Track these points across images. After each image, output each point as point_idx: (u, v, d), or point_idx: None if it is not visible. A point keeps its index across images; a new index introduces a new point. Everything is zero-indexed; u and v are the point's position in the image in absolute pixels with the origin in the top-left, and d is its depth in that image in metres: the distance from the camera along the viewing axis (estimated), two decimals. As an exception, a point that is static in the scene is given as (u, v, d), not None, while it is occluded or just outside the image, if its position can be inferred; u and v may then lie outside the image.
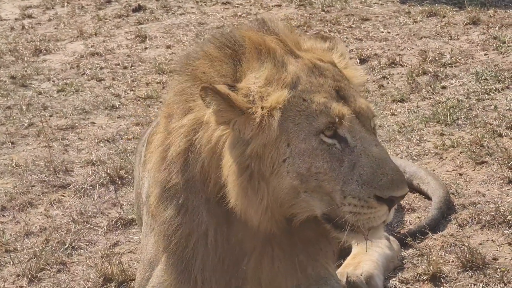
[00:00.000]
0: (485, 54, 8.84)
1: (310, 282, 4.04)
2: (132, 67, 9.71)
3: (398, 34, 9.90)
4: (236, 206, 3.71)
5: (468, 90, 7.80)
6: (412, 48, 9.34)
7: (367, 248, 4.64)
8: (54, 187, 6.57)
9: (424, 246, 5.29)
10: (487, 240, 5.29)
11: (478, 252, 5.04)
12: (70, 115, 8.23)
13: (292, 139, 3.63)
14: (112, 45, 10.70)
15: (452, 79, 8.18)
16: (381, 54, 9.20)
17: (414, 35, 9.78)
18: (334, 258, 4.36)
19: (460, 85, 7.99)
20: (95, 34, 11.25)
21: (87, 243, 5.74)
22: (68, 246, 5.68)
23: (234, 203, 3.70)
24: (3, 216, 6.20)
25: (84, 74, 9.59)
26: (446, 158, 6.44)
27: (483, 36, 9.41)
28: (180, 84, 3.97)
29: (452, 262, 5.07)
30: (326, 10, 11.27)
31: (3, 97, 8.90)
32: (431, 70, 8.40)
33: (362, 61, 8.98)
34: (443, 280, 4.93)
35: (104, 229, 5.89)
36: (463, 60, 8.69)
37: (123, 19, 11.92)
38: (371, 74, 8.52)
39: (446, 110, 7.29)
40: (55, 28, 11.82)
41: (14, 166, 7.00)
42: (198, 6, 12.20)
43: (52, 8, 12.90)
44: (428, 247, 5.26)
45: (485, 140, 6.56)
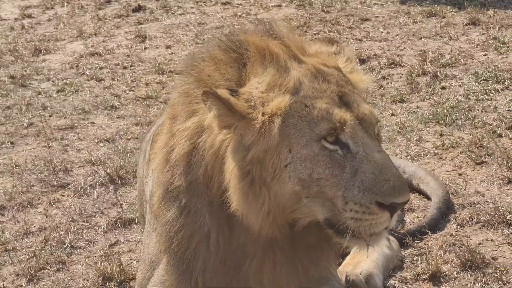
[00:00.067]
0: (484, 55, 8.85)
1: (312, 283, 4.04)
2: (132, 67, 9.70)
3: (397, 35, 9.90)
4: (238, 211, 3.70)
5: (467, 90, 7.80)
6: (412, 48, 9.34)
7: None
8: (53, 187, 6.57)
9: (424, 245, 5.29)
10: (487, 240, 5.29)
11: (477, 251, 5.04)
12: (70, 115, 8.23)
13: (294, 144, 3.62)
14: (111, 45, 10.70)
15: (451, 79, 8.18)
16: (380, 54, 9.20)
17: (413, 35, 9.78)
18: (336, 259, 4.36)
19: (460, 85, 7.99)
20: (95, 34, 11.25)
21: (87, 243, 5.74)
22: (68, 246, 5.68)
23: (235, 208, 3.70)
24: (3, 215, 6.20)
25: (83, 74, 9.58)
26: (446, 158, 6.44)
27: (483, 37, 9.42)
28: (185, 85, 3.96)
29: (452, 261, 5.08)
30: (326, 11, 11.27)
31: (2, 97, 8.89)
32: (430, 71, 8.40)
33: (362, 61, 8.98)
34: (442, 280, 4.93)
35: (103, 228, 5.89)
36: (462, 60, 8.69)
37: (123, 19, 11.91)
38: (371, 74, 8.52)
39: (445, 111, 7.29)
40: (54, 28, 11.81)
41: (14, 166, 6.99)
42: (198, 6, 12.20)
43: (52, 8, 12.90)
44: (428, 247, 5.26)
45: (484, 141, 6.57)
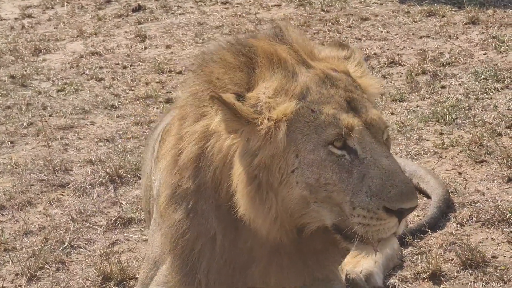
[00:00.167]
0: (484, 54, 8.85)
1: (316, 284, 4.04)
2: (132, 67, 9.70)
3: (397, 34, 9.90)
4: (245, 215, 3.70)
5: (467, 89, 7.80)
6: (412, 47, 9.34)
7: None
8: (53, 186, 6.57)
9: (424, 244, 5.28)
10: (487, 239, 5.29)
11: (477, 250, 5.04)
12: (70, 114, 8.22)
13: (301, 150, 3.60)
14: (111, 44, 10.70)
15: (451, 78, 8.18)
16: (380, 53, 9.20)
17: (413, 34, 9.78)
18: (340, 260, 4.35)
19: (460, 84, 7.99)
20: (95, 34, 11.24)
21: (86, 242, 5.74)
22: (67, 245, 5.68)
23: (242, 212, 3.69)
24: (2, 215, 6.20)
25: (83, 73, 9.58)
26: (446, 157, 6.44)
27: (482, 36, 9.42)
28: (194, 86, 3.95)
29: (452, 260, 5.08)
30: (325, 10, 11.26)
31: (2, 96, 8.89)
32: (430, 70, 8.40)
33: (362, 60, 8.97)
34: (442, 279, 4.93)
35: (103, 228, 5.89)
36: (462, 59, 8.69)
37: (123, 18, 11.91)
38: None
39: (445, 110, 7.29)
40: (54, 28, 11.81)
41: (14, 166, 6.99)
42: (197, 6, 12.19)
43: (52, 7, 12.89)
44: (428, 246, 5.26)
45: (484, 139, 6.57)
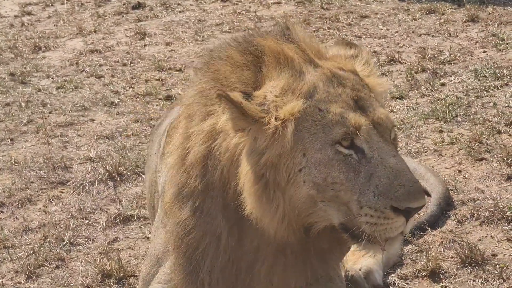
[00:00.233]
0: (484, 51, 8.85)
1: (319, 281, 4.04)
2: (132, 64, 9.70)
3: (397, 32, 9.90)
4: (252, 214, 3.68)
5: (467, 87, 7.80)
6: (411, 45, 9.34)
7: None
8: (53, 184, 6.56)
9: (423, 242, 5.29)
10: (486, 236, 5.29)
11: (477, 248, 5.04)
12: (69, 111, 8.22)
13: (308, 149, 3.59)
14: (111, 42, 10.70)
15: (451, 76, 8.18)
16: (380, 51, 9.20)
17: (413, 32, 9.78)
18: (342, 258, 4.36)
19: (459, 82, 7.99)
20: (95, 31, 11.25)
21: (86, 239, 5.73)
22: (67, 243, 5.67)
23: (249, 211, 3.68)
24: (2, 212, 6.19)
25: (83, 71, 9.58)
26: (445, 154, 6.44)
27: (482, 34, 9.42)
28: (201, 84, 3.93)
29: (451, 258, 5.08)
30: (325, 8, 11.27)
31: (2, 94, 8.89)
32: (430, 67, 8.41)
33: (361, 58, 8.97)
34: (442, 276, 4.93)
35: (103, 225, 5.88)
36: (462, 57, 8.70)
37: (123, 16, 11.91)
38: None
39: (445, 107, 7.29)
40: (54, 25, 11.81)
41: (13, 163, 6.99)
42: (197, 4, 12.19)
43: (52, 5, 12.89)
44: (427, 243, 5.26)
45: (484, 137, 6.57)
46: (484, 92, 7.62)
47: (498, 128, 6.72)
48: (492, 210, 5.47)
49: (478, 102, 7.40)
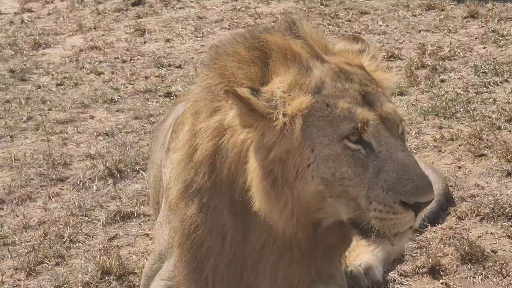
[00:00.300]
0: (483, 48, 8.85)
1: (322, 279, 4.04)
2: (131, 61, 9.70)
3: (396, 28, 9.90)
4: (260, 210, 3.68)
5: (466, 83, 7.80)
6: (411, 41, 9.34)
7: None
8: (52, 181, 6.56)
9: (423, 238, 5.28)
10: (486, 233, 5.28)
11: (477, 244, 5.03)
12: (69, 108, 8.22)
13: (316, 144, 3.58)
14: (111, 39, 10.70)
15: (450, 72, 8.18)
16: (379, 47, 9.18)
17: (412, 28, 9.78)
18: (345, 255, 4.35)
19: (459, 78, 7.99)
20: (94, 28, 11.25)
21: (86, 237, 5.72)
22: (67, 240, 5.66)
23: (258, 207, 3.67)
24: (2, 209, 6.18)
25: (83, 68, 9.58)
26: (445, 151, 6.44)
27: (482, 30, 9.42)
28: (208, 80, 3.92)
29: (451, 254, 5.07)
30: (325, 4, 11.27)
31: (2, 90, 8.89)
32: (429, 64, 8.40)
33: (361, 54, 8.96)
34: (442, 273, 4.92)
35: (102, 222, 5.87)
36: (461, 53, 8.70)
37: (122, 13, 11.92)
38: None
39: (444, 103, 7.29)
40: (54, 22, 11.81)
41: (13, 160, 6.98)
42: (197, 0, 12.19)
43: (52, 2, 12.91)
44: (427, 240, 5.25)
45: (484, 133, 6.56)
46: (484, 88, 7.62)
47: (498, 124, 6.72)
48: (492, 206, 5.46)
49: (477, 98, 7.39)
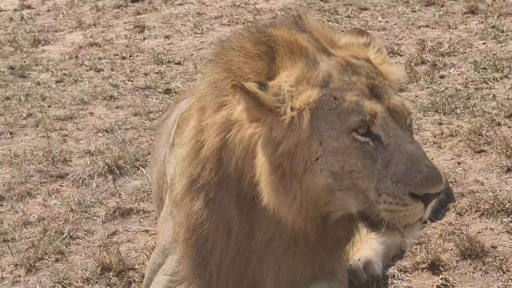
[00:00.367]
0: (483, 43, 8.84)
1: (324, 275, 4.04)
2: (131, 58, 9.70)
3: (396, 24, 9.89)
4: (269, 204, 3.68)
5: (466, 79, 7.80)
6: (411, 37, 9.34)
7: (365, 236, 4.60)
8: (52, 177, 6.56)
9: (423, 234, 5.28)
10: (486, 229, 5.29)
11: (477, 240, 5.03)
12: (69, 105, 8.22)
13: (324, 137, 3.58)
14: (110, 35, 10.70)
15: (450, 68, 8.18)
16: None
17: (412, 24, 9.77)
18: (347, 250, 4.35)
19: (459, 74, 7.99)
20: (94, 25, 11.25)
21: (85, 233, 5.72)
22: (66, 236, 5.66)
23: (267, 201, 3.67)
24: (1, 206, 6.18)
25: (82, 64, 9.57)
26: (445, 147, 6.44)
27: (482, 25, 9.41)
28: (214, 75, 3.92)
29: (451, 250, 5.07)
30: (324, 0, 11.25)
31: (1, 87, 8.89)
32: (429, 60, 8.40)
33: (361, 50, 8.96)
34: (441, 268, 4.92)
35: (102, 218, 5.87)
36: (461, 49, 8.69)
37: (122, 9, 11.91)
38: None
39: (444, 99, 7.29)
40: (54, 19, 11.81)
41: (13, 156, 6.98)
42: (196, -4, 12.19)
43: (51, -2, 12.90)
44: (427, 236, 5.25)
45: (483, 129, 6.56)
46: (484, 84, 7.62)
47: (497, 120, 6.72)
48: (491, 202, 5.46)
49: (477, 94, 7.39)
